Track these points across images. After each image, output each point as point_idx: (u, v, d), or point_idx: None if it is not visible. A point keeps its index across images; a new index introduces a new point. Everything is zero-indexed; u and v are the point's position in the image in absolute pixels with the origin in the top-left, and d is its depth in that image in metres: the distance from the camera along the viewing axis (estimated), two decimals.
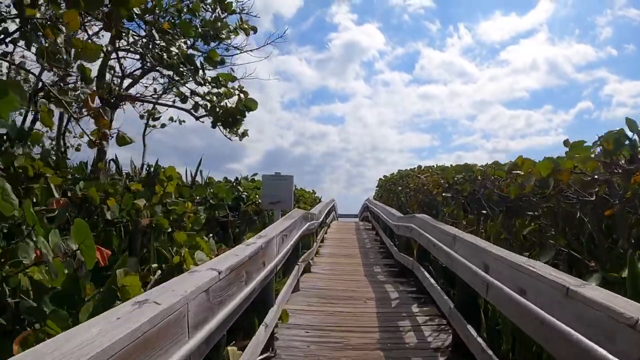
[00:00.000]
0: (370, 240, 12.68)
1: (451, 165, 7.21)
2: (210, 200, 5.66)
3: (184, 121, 11.02)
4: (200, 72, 5.46)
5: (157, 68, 6.46)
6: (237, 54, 9.56)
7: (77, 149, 11.86)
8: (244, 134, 8.77)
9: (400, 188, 10.09)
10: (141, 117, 7.11)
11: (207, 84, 5.45)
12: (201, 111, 8.23)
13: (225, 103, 5.76)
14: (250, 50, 9.51)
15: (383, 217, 9.44)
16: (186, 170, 7.84)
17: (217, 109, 5.58)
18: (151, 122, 10.90)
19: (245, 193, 6.94)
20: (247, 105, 5.50)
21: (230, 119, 5.41)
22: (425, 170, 9.15)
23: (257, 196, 7.03)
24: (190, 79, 5.44)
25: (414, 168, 11.44)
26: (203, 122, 8.39)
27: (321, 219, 8.71)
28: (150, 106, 11.13)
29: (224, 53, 9.44)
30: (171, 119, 10.86)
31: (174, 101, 6.90)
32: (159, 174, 6.23)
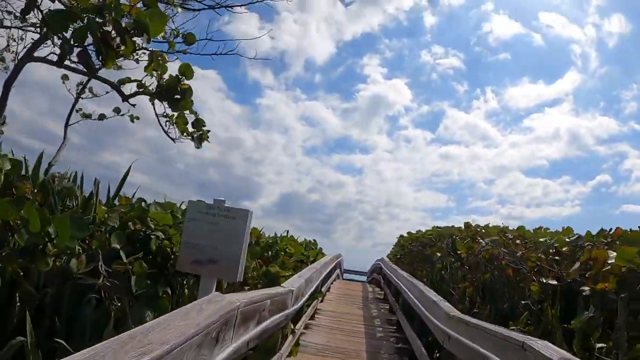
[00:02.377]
0: (383, 321, 8.91)
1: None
2: (15, 236, 2.24)
3: (137, 117, 7.86)
4: None
5: None
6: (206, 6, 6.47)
7: None
8: (205, 136, 5.47)
9: (439, 254, 6.50)
10: None
11: None
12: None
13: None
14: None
15: (411, 298, 5.83)
16: (93, 183, 4.42)
17: (93, 33, 2.23)
18: (82, 111, 7.79)
19: (159, 233, 3.48)
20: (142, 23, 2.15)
21: (104, 45, 2.07)
22: (487, 231, 5.59)
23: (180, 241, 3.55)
24: None
25: (458, 227, 7.83)
26: (134, 105, 5.17)
27: (310, 293, 5.17)
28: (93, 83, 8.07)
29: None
30: (117, 110, 7.67)
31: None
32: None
